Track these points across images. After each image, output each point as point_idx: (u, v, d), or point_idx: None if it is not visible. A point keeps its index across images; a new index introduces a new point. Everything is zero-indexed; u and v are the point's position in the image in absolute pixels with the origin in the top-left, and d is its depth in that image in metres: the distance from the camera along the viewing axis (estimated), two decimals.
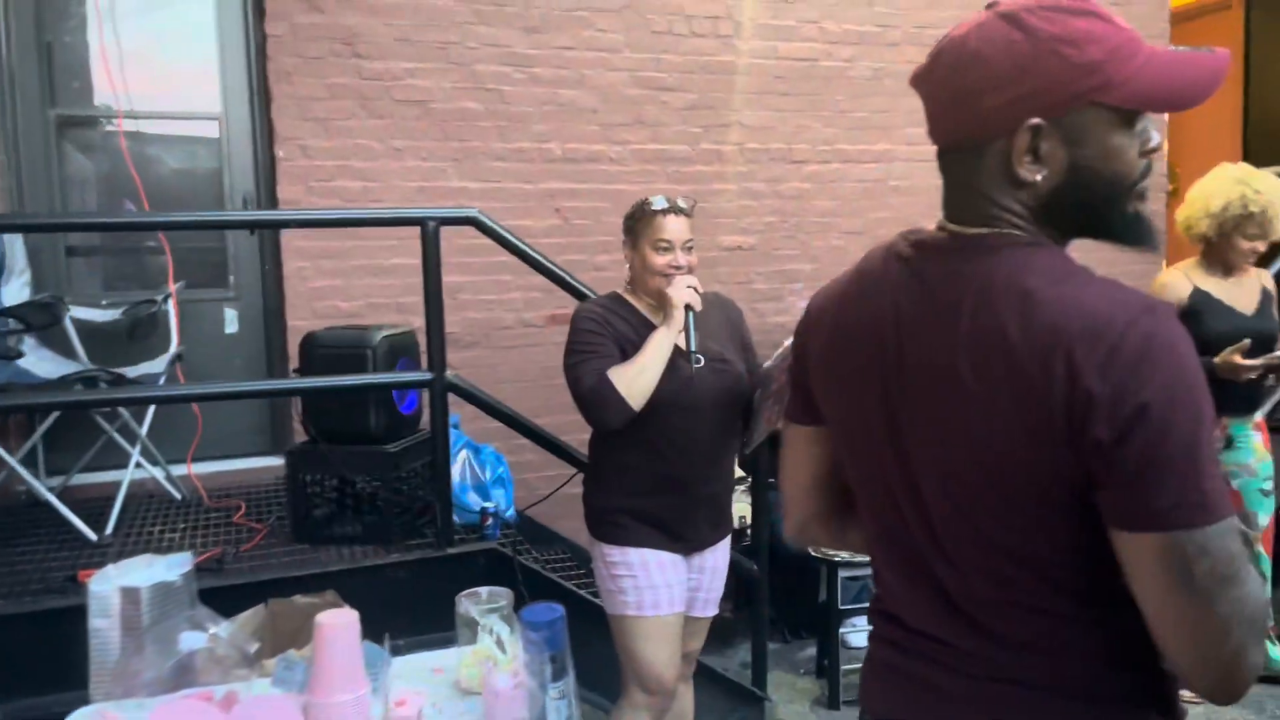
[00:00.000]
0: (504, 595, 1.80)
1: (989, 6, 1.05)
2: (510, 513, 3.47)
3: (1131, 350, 0.90)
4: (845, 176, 4.99)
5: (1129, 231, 1.06)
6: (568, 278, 3.19)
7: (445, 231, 3.09)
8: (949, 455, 1.02)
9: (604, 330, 2.38)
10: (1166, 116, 5.57)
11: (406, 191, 4.23)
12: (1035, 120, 0.99)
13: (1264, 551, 3.37)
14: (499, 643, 1.70)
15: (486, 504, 3.30)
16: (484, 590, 1.80)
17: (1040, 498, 0.97)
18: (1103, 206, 1.05)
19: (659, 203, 2.41)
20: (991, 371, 0.97)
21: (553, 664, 1.37)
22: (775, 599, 4.27)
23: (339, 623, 1.62)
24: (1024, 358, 0.94)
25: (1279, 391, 4.07)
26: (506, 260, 3.60)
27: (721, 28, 4.70)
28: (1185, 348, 0.92)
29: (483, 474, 3.59)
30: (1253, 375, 2.83)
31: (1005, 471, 0.98)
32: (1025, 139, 1.00)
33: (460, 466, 3.53)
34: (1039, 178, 1.01)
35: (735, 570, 3.08)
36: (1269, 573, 3.29)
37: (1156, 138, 1.06)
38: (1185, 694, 1.04)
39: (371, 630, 1.73)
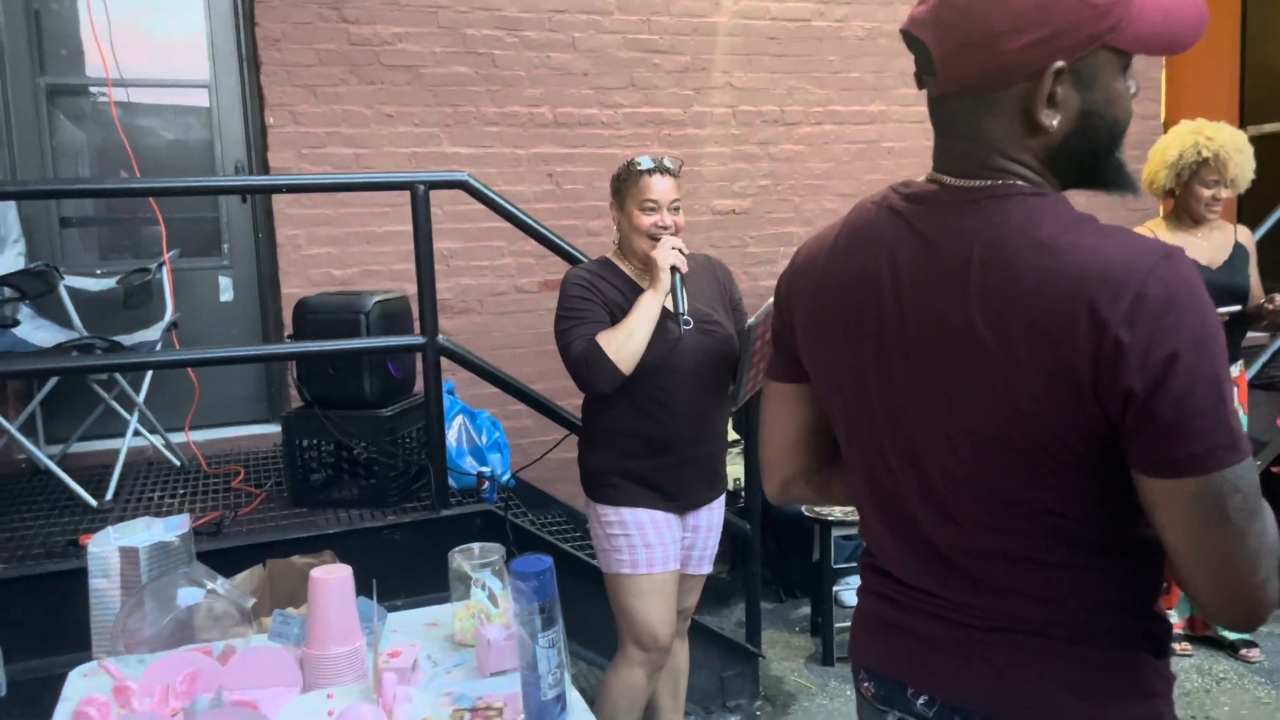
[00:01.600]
0: (496, 550, 1.82)
1: None
2: (507, 477, 3.50)
3: (1156, 298, 0.90)
4: (839, 138, 4.96)
5: (1120, 177, 1.07)
6: (560, 243, 3.19)
7: (438, 197, 3.08)
8: (957, 411, 1.01)
9: (592, 295, 2.39)
10: (1164, 76, 5.54)
11: (398, 158, 4.23)
12: (1060, 63, 0.98)
13: None
14: (491, 597, 1.73)
15: (483, 468, 3.33)
16: (476, 546, 1.83)
17: (1056, 450, 0.97)
18: (1104, 152, 1.05)
19: (645, 162, 2.41)
20: (1009, 325, 0.96)
21: (542, 614, 1.40)
22: (770, 559, 4.33)
23: (333, 577, 1.65)
24: (1043, 310, 0.94)
25: (1273, 347, 4.10)
26: (499, 226, 3.61)
27: None
28: (1202, 291, 0.93)
29: (479, 439, 3.62)
30: None
31: (1022, 425, 0.97)
32: (1049, 82, 0.99)
33: (456, 431, 3.55)
34: (1054, 123, 1.00)
35: (729, 531, 3.11)
36: None
37: (1135, 85, 1.07)
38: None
39: (369, 591, 1.76)
